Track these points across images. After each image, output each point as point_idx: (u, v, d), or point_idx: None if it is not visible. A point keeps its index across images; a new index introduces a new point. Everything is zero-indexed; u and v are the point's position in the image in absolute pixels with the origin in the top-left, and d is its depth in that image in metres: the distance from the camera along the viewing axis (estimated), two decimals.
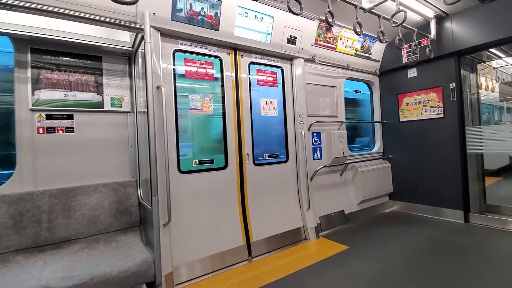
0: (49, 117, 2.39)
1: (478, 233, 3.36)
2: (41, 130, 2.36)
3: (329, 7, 2.47)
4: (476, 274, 2.41)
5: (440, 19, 3.79)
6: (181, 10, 2.56)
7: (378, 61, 4.61)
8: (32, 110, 2.32)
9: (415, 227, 3.70)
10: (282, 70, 3.56)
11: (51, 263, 1.94)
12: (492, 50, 3.85)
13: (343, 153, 3.94)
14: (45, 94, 2.37)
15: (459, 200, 3.80)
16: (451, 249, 2.94)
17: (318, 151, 3.88)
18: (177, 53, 2.76)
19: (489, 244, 3.02)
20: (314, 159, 3.80)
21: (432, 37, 3.78)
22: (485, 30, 3.39)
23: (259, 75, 3.37)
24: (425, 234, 3.41)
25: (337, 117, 4.15)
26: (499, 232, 3.36)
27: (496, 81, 4.20)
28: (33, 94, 2.32)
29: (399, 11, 2.77)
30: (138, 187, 2.71)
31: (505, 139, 3.56)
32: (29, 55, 2.32)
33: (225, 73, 3.05)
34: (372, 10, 2.94)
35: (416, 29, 3.54)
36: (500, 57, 4.12)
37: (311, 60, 3.74)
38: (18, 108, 2.27)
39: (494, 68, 4.24)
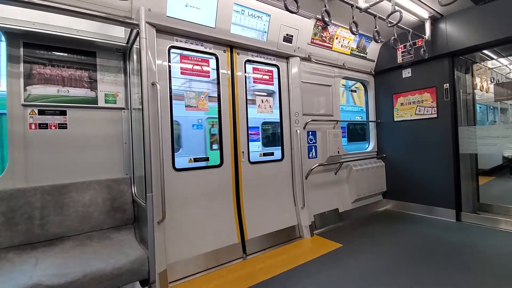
0: (41, 112, 2.35)
1: (469, 232, 3.41)
2: (33, 126, 2.32)
3: (325, 6, 2.48)
4: (467, 271, 2.45)
5: (435, 20, 3.82)
6: (177, 6, 2.53)
7: (373, 61, 4.64)
8: (24, 105, 2.28)
9: (408, 226, 3.74)
10: (278, 69, 3.56)
11: (43, 260, 1.91)
12: (485, 51, 3.90)
13: (338, 152, 3.96)
14: (38, 90, 2.33)
15: (451, 199, 3.85)
16: (442, 247, 2.98)
17: (313, 150, 3.89)
18: (172, 50, 2.74)
19: (479, 242, 3.07)
20: (309, 157, 3.82)
21: (426, 38, 3.81)
22: (478, 31, 3.43)
23: (255, 73, 3.37)
24: (417, 232, 3.45)
25: (333, 116, 4.17)
26: (490, 230, 3.42)
27: (491, 81, 4.25)
28: (25, 89, 2.28)
29: (395, 11, 2.79)
30: (132, 184, 2.69)
31: (497, 139, 3.61)
32: (21, 50, 2.28)
33: (221, 71, 3.03)
34: (368, 10, 2.95)
35: (411, 30, 3.56)
36: (493, 58, 4.18)
37: (307, 59, 3.74)
38: (10, 103, 2.24)
39: (489, 68, 4.29)
